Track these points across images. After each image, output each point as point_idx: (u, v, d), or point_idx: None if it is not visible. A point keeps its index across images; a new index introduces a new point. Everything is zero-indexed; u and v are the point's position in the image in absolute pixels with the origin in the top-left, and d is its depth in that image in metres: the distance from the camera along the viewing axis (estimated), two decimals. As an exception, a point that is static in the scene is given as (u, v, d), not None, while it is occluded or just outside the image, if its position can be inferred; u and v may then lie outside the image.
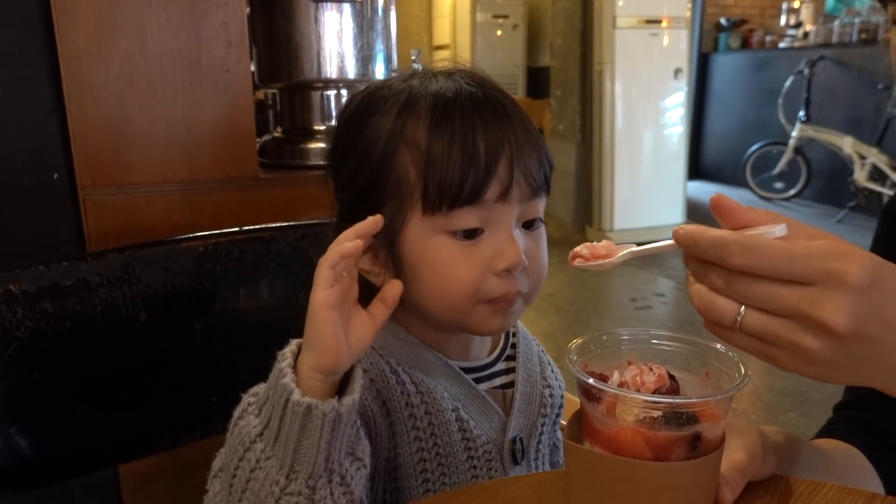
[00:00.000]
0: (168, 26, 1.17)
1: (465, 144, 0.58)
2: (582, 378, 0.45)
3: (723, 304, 0.43)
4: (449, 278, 0.60)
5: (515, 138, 0.60)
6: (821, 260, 0.41)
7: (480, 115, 0.60)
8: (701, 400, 0.44)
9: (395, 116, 0.61)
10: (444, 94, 0.61)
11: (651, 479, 0.43)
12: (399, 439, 0.64)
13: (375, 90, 0.65)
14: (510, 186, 0.59)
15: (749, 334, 0.43)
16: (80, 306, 0.85)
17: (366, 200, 0.62)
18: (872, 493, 0.54)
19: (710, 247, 0.42)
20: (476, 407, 0.67)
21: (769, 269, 0.41)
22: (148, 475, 1.27)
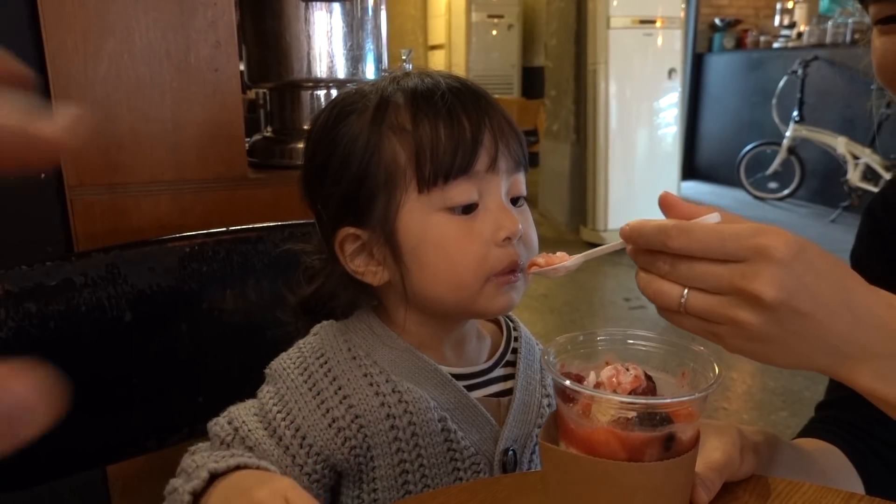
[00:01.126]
0: (156, 26, 1.17)
1: (450, 121, 0.60)
2: (557, 380, 0.45)
3: (668, 289, 0.46)
4: (453, 254, 0.60)
5: (496, 116, 0.63)
6: (748, 237, 0.44)
7: (459, 98, 0.62)
8: (675, 400, 0.44)
9: (372, 112, 0.62)
10: (419, 87, 0.62)
11: (625, 480, 0.43)
12: (378, 451, 0.63)
13: (346, 97, 0.66)
14: (497, 156, 0.61)
15: (694, 315, 0.46)
16: (65, 307, 0.84)
17: (355, 197, 0.62)
18: (850, 492, 0.54)
19: (653, 234, 0.46)
20: (466, 417, 0.65)
21: (704, 249, 0.44)
22: (136, 476, 1.26)
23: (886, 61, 0.64)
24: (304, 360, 0.66)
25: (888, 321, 0.46)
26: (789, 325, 0.44)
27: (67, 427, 0.87)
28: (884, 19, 0.63)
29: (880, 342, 0.46)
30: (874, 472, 0.73)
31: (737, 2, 7.27)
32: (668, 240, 0.45)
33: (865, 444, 0.75)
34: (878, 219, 0.81)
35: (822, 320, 0.44)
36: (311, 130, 0.68)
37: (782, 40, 6.51)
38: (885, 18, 0.62)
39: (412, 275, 0.62)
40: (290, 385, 0.64)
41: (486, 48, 7.39)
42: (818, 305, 0.44)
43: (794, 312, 0.44)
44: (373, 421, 0.62)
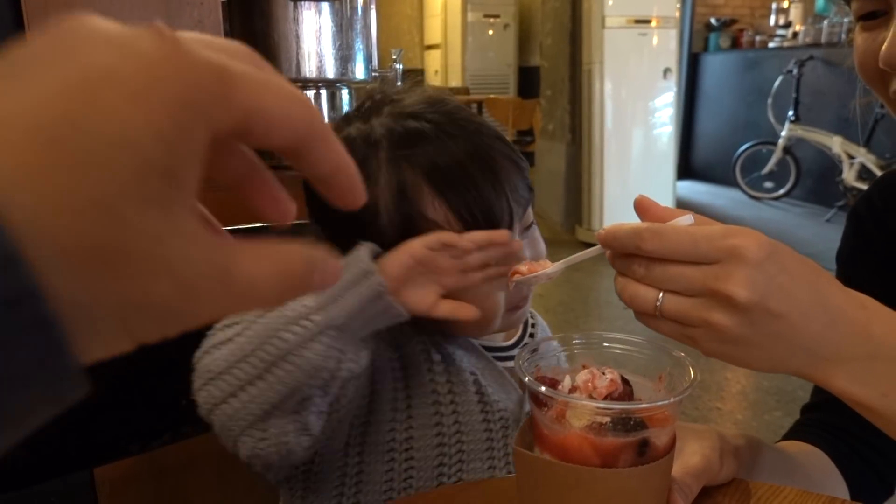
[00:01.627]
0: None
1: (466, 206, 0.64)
2: (531, 385, 0.44)
3: (644, 293, 0.46)
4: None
5: (510, 178, 0.66)
6: (721, 238, 0.44)
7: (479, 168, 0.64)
8: (649, 406, 0.43)
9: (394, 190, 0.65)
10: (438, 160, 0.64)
11: (598, 486, 0.42)
12: (415, 391, 0.67)
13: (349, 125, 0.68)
14: (512, 221, 0.66)
15: (669, 318, 0.46)
16: (46, 309, 0.83)
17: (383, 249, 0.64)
18: (831, 497, 0.54)
19: (627, 237, 0.46)
20: (494, 378, 0.71)
21: (677, 251, 0.44)
22: (124, 479, 1.26)
23: (867, 58, 0.63)
24: None
25: (861, 322, 0.46)
26: (763, 327, 0.44)
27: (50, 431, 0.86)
28: (865, 15, 0.62)
29: (853, 344, 0.45)
30: (858, 475, 0.73)
31: (732, 1, 7.27)
32: (642, 242, 0.45)
33: (850, 446, 0.74)
34: (863, 220, 0.81)
35: (795, 321, 0.44)
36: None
37: (778, 40, 6.52)
38: (866, 14, 0.62)
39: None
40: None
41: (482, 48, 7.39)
42: (791, 306, 0.44)
43: (768, 313, 0.43)
44: (414, 363, 0.67)
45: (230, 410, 0.58)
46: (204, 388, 0.60)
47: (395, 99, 0.68)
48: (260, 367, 0.56)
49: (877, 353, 0.45)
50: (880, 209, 0.80)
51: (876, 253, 0.78)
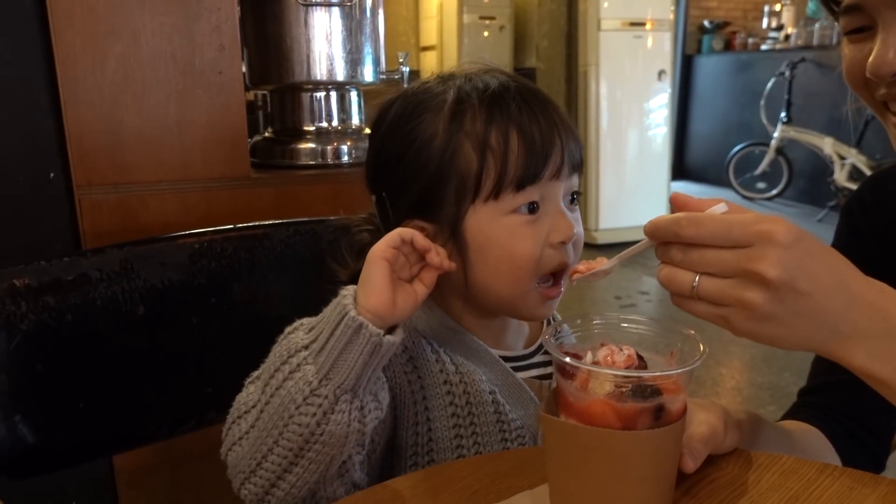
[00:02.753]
0: (161, 30, 1.20)
1: (523, 132, 0.65)
2: (558, 357, 0.49)
3: (681, 276, 0.50)
4: (517, 252, 0.66)
5: (562, 124, 0.67)
6: (753, 224, 0.48)
7: (528, 104, 0.66)
8: (663, 374, 0.48)
9: (449, 115, 0.66)
10: (494, 90, 0.67)
11: (619, 447, 0.47)
12: (434, 414, 0.68)
13: (413, 94, 0.70)
14: (562, 165, 0.66)
15: (705, 299, 0.50)
16: (81, 300, 0.88)
17: (428, 195, 0.67)
18: (825, 463, 0.59)
19: (666, 226, 0.50)
20: (512, 393, 0.70)
21: (713, 237, 0.49)
22: (142, 469, 1.29)
23: (854, 69, 0.68)
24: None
25: (880, 304, 0.50)
26: (791, 305, 0.48)
27: (83, 416, 0.91)
28: (851, 30, 0.67)
29: (872, 322, 0.50)
30: (851, 452, 0.78)
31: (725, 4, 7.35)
32: (680, 229, 0.49)
33: (844, 426, 0.79)
34: (855, 216, 0.85)
35: (819, 300, 0.48)
36: (381, 122, 0.72)
37: (770, 42, 6.59)
38: (853, 30, 0.67)
39: (475, 270, 0.67)
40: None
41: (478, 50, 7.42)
42: (816, 286, 0.48)
43: (795, 292, 0.47)
44: (431, 384, 0.68)
45: (276, 501, 0.59)
46: (243, 486, 0.60)
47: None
48: (289, 456, 0.56)
49: (894, 332, 0.50)
50: (871, 206, 0.84)
51: (867, 248, 0.82)
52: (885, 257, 0.80)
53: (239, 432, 0.60)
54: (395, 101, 0.71)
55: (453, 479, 0.56)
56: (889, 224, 0.81)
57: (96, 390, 0.90)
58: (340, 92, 1.50)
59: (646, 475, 0.48)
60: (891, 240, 0.80)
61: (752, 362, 3.00)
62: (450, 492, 0.55)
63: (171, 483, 1.32)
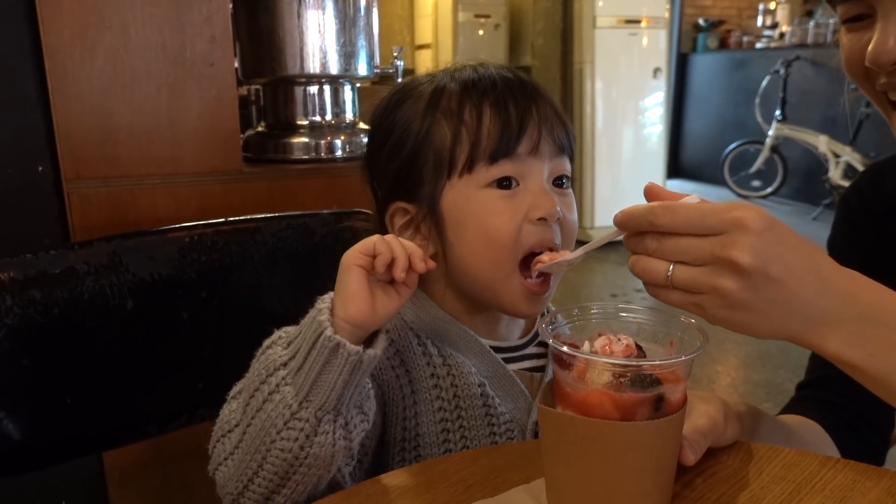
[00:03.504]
0: (152, 21, 1.18)
1: (497, 106, 0.65)
2: (555, 346, 0.47)
3: (655, 265, 0.50)
4: (492, 229, 0.64)
5: (543, 105, 0.67)
6: (726, 211, 0.48)
7: (509, 87, 0.66)
8: (663, 363, 0.47)
9: (427, 98, 0.68)
10: (472, 76, 0.68)
11: (618, 438, 0.46)
12: (421, 408, 0.67)
13: (404, 85, 0.72)
14: (539, 141, 0.65)
15: (679, 287, 0.50)
16: (68, 294, 0.86)
17: (406, 175, 0.68)
18: (826, 455, 0.57)
19: (641, 215, 0.50)
20: (502, 385, 0.69)
21: (687, 225, 0.49)
22: (133, 466, 1.28)
23: (853, 58, 0.67)
24: None
25: (851, 289, 0.50)
26: (764, 292, 0.48)
27: (70, 412, 0.89)
28: (850, 18, 0.66)
29: (843, 308, 0.50)
30: (851, 446, 0.77)
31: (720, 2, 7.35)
32: (655, 217, 0.49)
33: (842, 419, 0.78)
34: (853, 208, 0.85)
35: (792, 287, 0.48)
36: (373, 115, 0.73)
37: (765, 40, 6.60)
38: (851, 18, 0.66)
39: (454, 249, 0.67)
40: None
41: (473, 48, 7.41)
42: (788, 273, 0.48)
43: (768, 279, 0.47)
44: (418, 378, 0.67)
45: None
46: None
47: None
48: (275, 479, 0.55)
49: (864, 316, 0.50)
50: (869, 196, 0.84)
51: (866, 238, 0.82)
52: (884, 247, 0.79)
53: (224, 452, 0.58)
54: (389, 92, 0.73)
55: (447, 474, 0.55)
56: (887, 214, 0.81)
57: (84, 386, 0.88)
58: (334, 86, 1.48)
59: (645, 468, 0.47)
60: (889, 230, 0.80)
61: (748, 359, 3.00)
62: (444, 486, 0.53)
63: (163, 481, 1.30)
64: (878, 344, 0.50)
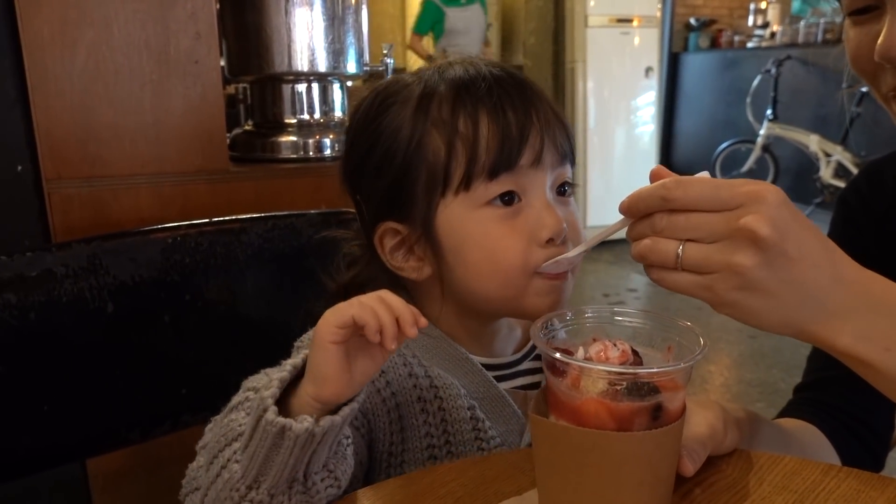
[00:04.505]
0: (135, 17, 1.15)
1: (495, 114, 0.59)
2: (547, 353, 0.45)
3: (664, 245, 0.48)
4: (498, 251, 0.59)
5: (542, 107, 0.61)
6: (741, 185, 0.47)
7: (505, 88, 0.60)
8: (661, 370, 0.45)
9: (414, 105, 0.61)
10: (463, 77, 0.61)
11: (614, 449, 0.44)
12: (408, 433, 0.63)
13: (386, 87, 0.65)
14: (542, 151, 0.60)
15: (689, 267, 0.47)
16: (46, 298, 0.83)
17: (397, 193, 0.62)
18: (828, 464, 0.56)
19: (651, 192, 0.48)
20: (493, 406, 0.65)
21: (700, 198, 0.47)
22: (117, 473, 1.25)
23: (860, 52, 0.64)
24: None
25: (863, 280, 0.49)
26: (779, 270, 0.46)
27: (48, 419, 0.86)
28: (856, 10, 0.64)
29: (857, 298, 0.48)
30: (849, 448, 0.75)
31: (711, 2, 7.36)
32: (667, 192, 0.47)
33: (840, 421, 0.77)
34: (852, 207, 0.83)
35: (807, 270, 0.46)
36: (353, 119, 0.67)
37: (756, 40, 6.60)
38: (857, 10, 0.63)
39: (455, 273, 0.62)
40: None
41: (465, 47, 7.38)
42: (804, 253, 0.46)
43: (784, 256, 0.46)
44: (405, 402, 0.62)
45: None
46: None
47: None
48: None
49: (878, 308, 0.48)
50: (867, 195, 0.82)
51: (864, 237, 0.80)
52: (883, 246, 0.78)
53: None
54: (369, 94, 0.66)
55: (436, 485, 0.53)
56: (886, 212, 0.79)
57: (62, 392, 0.86)
58: (322, 84, 1.46)
59: (643, 479, 0.45)
60: (888, 229, 0.78)
61: (741, 359, 2.99)
62: (432, 498, 0.51)
63: (148, 487, 1.28)
64: (893, 337, 0.48)
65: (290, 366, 0.51)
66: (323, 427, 0.48)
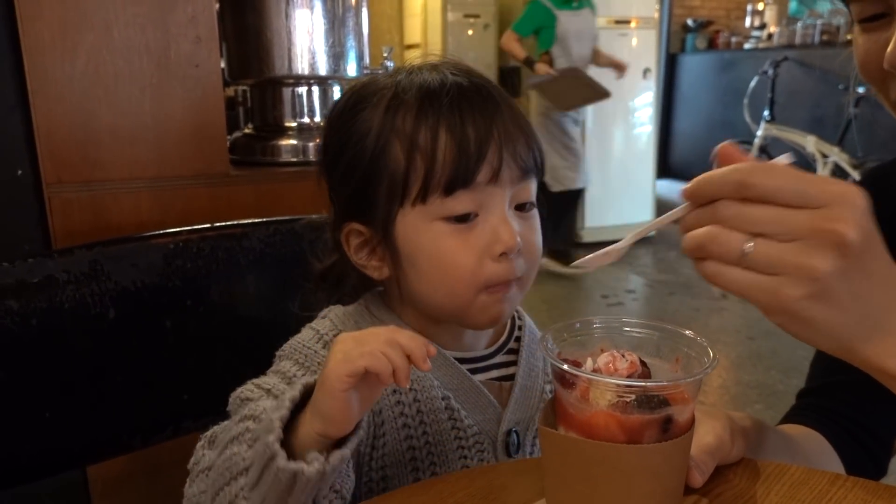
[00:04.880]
0: (135, 21, 1.15)
1: (454, 130, 0.59)
2: (556, 364, 0.45)
3: (729, 236, 0.43)
4: (448, 266, 0.60)
5: (503, 122, 0.61)
6: (830, 183, 0.43)
7: (468, 101, 0.60)
8: (671, 383, 0.45)
9: (383, 110, 0.62)
10: (429, 85, 0.62)
11: (624, 462, 0.44)
12: (387, 427, 0.64)
13: (362, 87, 0.66)
14: (500, 168, 0.60)
15: (755, 266, 0.43)
16: (47, 304, 0.83)
17: (362, 194, 0.63)
18: (836, 473, 0.56)
19: (725, 175, 0.43)
20: (469, 397, 0.66)
21: (783, 189, 0.42)
22: (117, 478, 1.25)
23: (869, 59, 0.64)
24: (320, 336, 0.66)
25: None
26: (852, 283, 0.43)
27: (50, 426, 0.86)
28: (865, 18, 0.63)
29: None
30: (853, 455, 0.75)
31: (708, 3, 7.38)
32: (745, 177, 0.42)
33: (844, 428, 0.77)
34: None
35: (876, 286, 0.44)
36: (328, 117, 0.69)
37: (753, 41, 6.62)
38: (867, 17, 0.63)
39: (408, 278, 0.64)
40: (310, 354, 0.65)
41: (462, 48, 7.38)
42: (877, 268, 0.44)
43: (861, 268, 0.43)
44: (382, 397, 0.64)
45: None
46: None
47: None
48: None
49: None
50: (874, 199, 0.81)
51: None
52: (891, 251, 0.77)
53: None
54: (346, 92, 0.68)
55: (444, 495, 0.53)
56: (892, 217, 0.78)
57: (64, 399, 0.85)
58: (323, 87, 1.46)
59: (652, 492, 0.45)
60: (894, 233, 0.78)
61: (739, 360, 3.00)
62: (440, 509, 0.51)
63: (148, 493, 1.27)
64: None
65: (290, 401, 0.51)
66: (333, 465, 0.49)
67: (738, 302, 3.56)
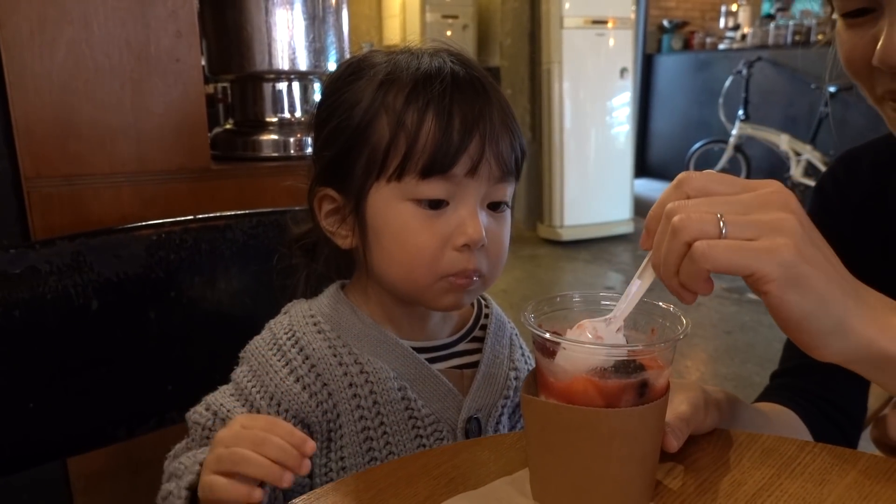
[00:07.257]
0: (115, 14, 1.15)
1: (440, 115, 0.60)
2: (537, 333, 0.47)
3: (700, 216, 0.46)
4: (409, 246, 0.62)
5: (491, 118, 0.62)
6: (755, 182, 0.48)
7: (460, 91, 0.61)
8: (647, 347, 0.47)
9: (377, 84, 0.63)
10: (426, 69, 0.63)
11: (602, 425, 0.45)
12: (344, 419, 0.65)
13: (362, 58, 0.67)
14: (479, 163, 0.61)
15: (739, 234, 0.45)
16: (30, 295, 0.83)
17: (342, 161, 0.65)
18: (805, 440, 0.58)
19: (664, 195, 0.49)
20: (426, 386, 0.67)
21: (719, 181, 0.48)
22: (99, 474, 1.24)
23: (855, 55, 0.63)
24: (275, 339, 0.68)
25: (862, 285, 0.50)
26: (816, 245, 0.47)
27: (33, 417, 0.86)
28: (850, 12, 0.62)
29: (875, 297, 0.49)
30: (824, 431, 0.78)
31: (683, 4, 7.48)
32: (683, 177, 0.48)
33: (816, 405, 0.79)
34: (828, 194, 0.84)
35: (831, 255, 0.48)
36: (327, 80, 0.70)
37: (727, 42, 6.73)
38: (851, 12, 0.62)
39: (372, 253, 0.65)
40: (263, 361, 0.66)
41: (441, 49, 7.39)
42: (821, 241, 0.48)
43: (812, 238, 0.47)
44: (337, 389, 0.65)
45: None
46: None
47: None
48: None
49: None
50: (844, 183, 0.82)
51: (842, 225, 0.80)
52: (860, 233, 0.79)
53: None
54: (346, 61, 0.69)
55: (429, 467, 0.54)
56: (862, 201, 0.80)
57: (47, 389, 0.85)
58: (303, 82, 1.46)
59: (630, 454, 0.47)
60: (864, 217, 0.79)
61: (716, 354, 3.05)
62: (426, 479, 0.52)
63: (131, 489, 1.27)
64: None
65: (186, 486, 0.57)
66: None
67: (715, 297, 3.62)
